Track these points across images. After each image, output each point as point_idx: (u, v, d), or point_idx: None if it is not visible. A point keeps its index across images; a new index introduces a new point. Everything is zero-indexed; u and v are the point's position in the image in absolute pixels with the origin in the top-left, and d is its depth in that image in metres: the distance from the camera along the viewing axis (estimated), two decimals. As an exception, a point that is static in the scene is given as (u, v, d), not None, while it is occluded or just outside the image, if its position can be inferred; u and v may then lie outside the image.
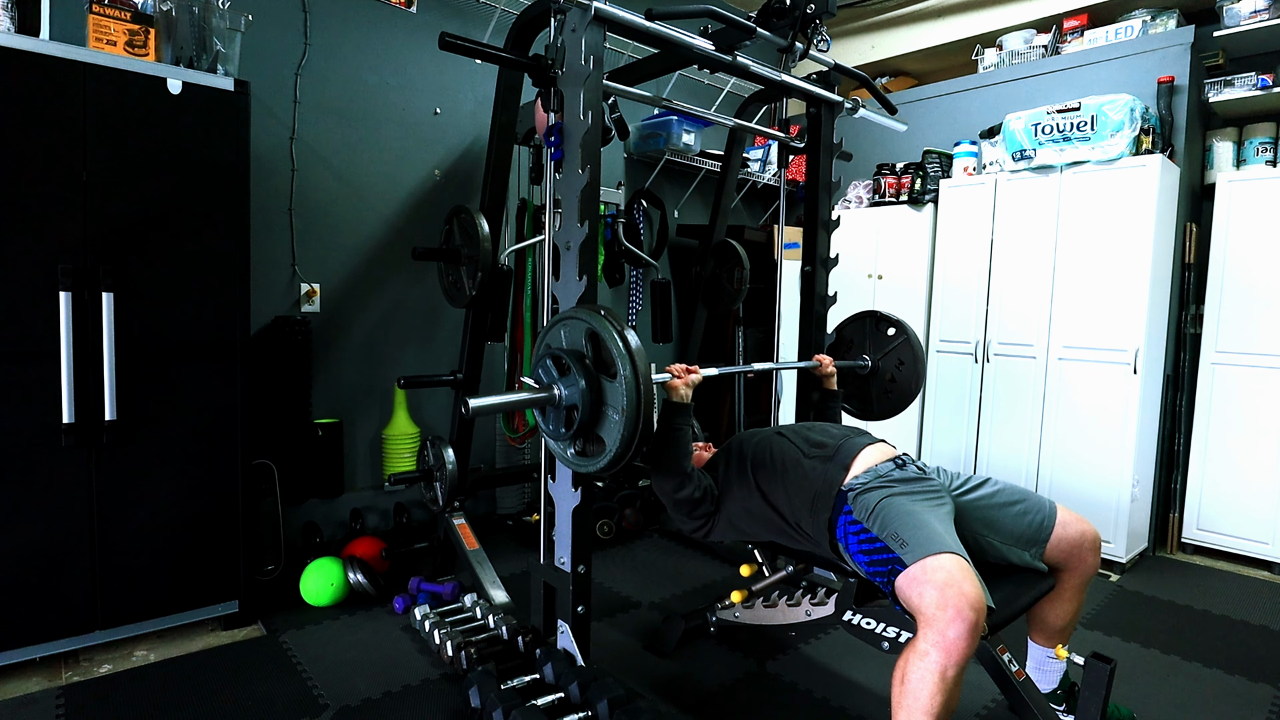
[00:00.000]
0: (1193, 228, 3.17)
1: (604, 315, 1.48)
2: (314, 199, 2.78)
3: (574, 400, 1.50)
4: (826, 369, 2.27)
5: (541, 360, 1.58)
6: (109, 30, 1.96)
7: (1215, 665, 2.18)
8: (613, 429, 1.47)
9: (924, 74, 4.34)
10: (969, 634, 1.24)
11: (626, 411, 1.42)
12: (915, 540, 1.38)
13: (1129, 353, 2.86)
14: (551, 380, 1.56)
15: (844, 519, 1.55)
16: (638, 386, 1.42)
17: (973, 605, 1.26)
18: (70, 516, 1.93)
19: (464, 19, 3.12)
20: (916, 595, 1.32)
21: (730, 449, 1.85)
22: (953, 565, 1.32)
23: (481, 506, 3.35)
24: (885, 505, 1.49)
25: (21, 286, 1.83)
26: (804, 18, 2.03)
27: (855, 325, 2.51)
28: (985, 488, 1.66)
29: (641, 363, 1.43)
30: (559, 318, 1.61)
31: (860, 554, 1.49)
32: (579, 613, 1.79)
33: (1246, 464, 2.97)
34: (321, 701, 1.86)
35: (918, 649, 1.28)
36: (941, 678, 1.24)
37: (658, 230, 3.67)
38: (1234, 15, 2.94)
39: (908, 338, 2.38)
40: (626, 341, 1.44)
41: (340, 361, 2.89)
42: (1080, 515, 1.65)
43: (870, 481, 1.57)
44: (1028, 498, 1.65)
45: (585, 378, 1.48)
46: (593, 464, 1.55)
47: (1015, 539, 1.60)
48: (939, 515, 1.50)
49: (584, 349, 1.53)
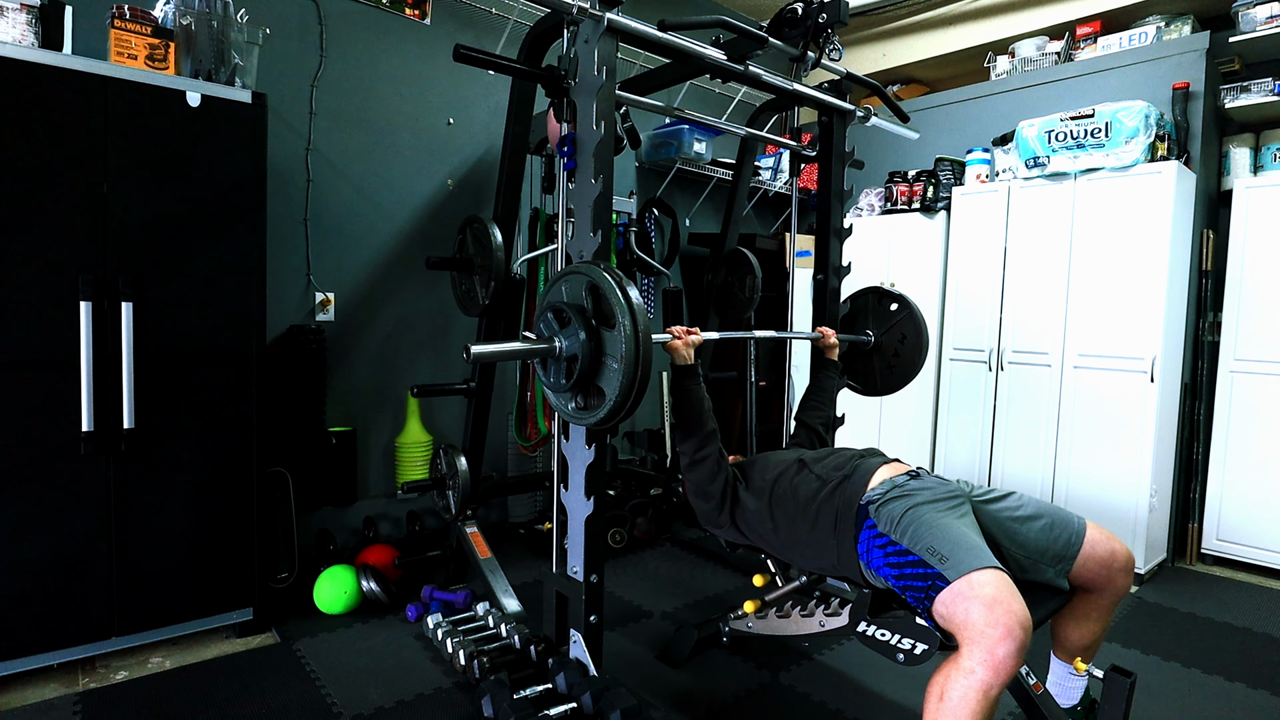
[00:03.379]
0: (1210, 235, 3.14)
1: (603, 269, 1.51)
2: (329, 209, 2.81)
3: (574, 350, 1.52)
4: (829, 340, 2.28)
5: (543, 314, 1.61)
6: (130, 44, 1.99)
7: (1237, 679, 2.14)
8: (612, 378, 1.48)
9: (936, 82, 4.33)
10: (1018, 653, 1.22)
11: (625, 359, 1.43)
12: (955, 554, 1.34)
13: (1146, 361, 2.83)
14: (552, 332, 1.58)
15: (866, 533, 1.52)
16: (636, 335, 1.43)
17: (1022, 624, 1.24)
18: (89, 524, 1.95)
19: (477, 30, 3.15)
20: (962, 612, 1.28)
21: (752, 470, 1.81)
22: (999, 582, 1.29)
23: (494, 515, 3.36)
24: (912, 517, 1.46)
25: (43, 296, 1.86)
26: (816, 27, 2.03)
27: (859, 303, 2.52)
28: (1009, 500, 1.62)
29: (640, 314, 1.45)
30: (560, 273, 1.62)
31: (888, 568, 1.45)
32: (591, 622, 1.79)
33: (1267, 473, 2.93)
34: (335, 710, 1.87)
35: (962, 666, 1.25)
36: (986, 696, 1.22)
37: (669, 239, 3.68)
38: (1250, 20, 2.92)
39: (910, 312, 2.38)
40: (626, 293, 1.46)
41: (354, 370, 2.91)
42: (1111, 534, 1.59)
43: (890, 491, 1.55)
44: (1056, 513, 1.60)
45: (585, 329, 1.50)
46: (593, 416, 1.55)
47: (1040, 554, 1.56)
48: (968, 523, 1.48)
49: (584, 302, 1.55)
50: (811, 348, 2.37)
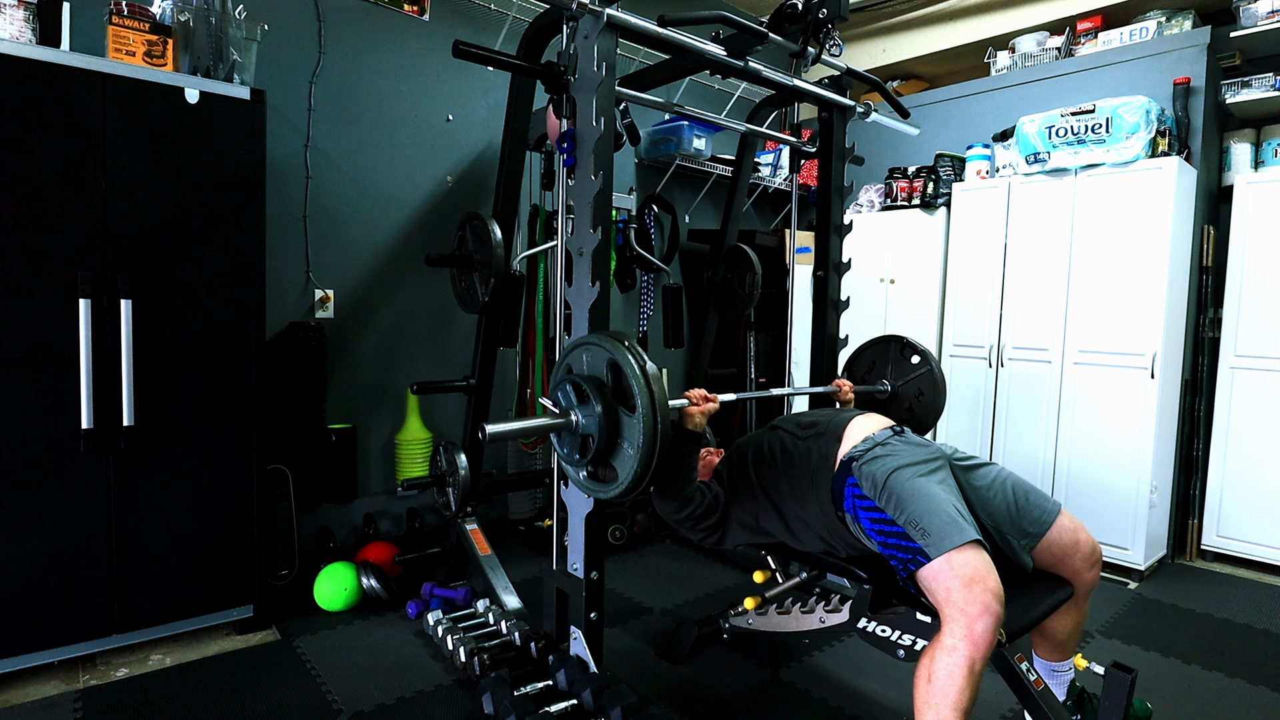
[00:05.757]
0: (1210, 230, 3.14)
1: (627, 347, 1.47)
2: (328, 206, 2.80)
3: (590, 430, 1.49)
4: (846, 395, 2.22)
5: (561, 384, 1.57)
6: (128, 41, 1.98)
7: (1237, 675, 2.14)
8: (627, 462, 1.46)
9: (936, 77, 4.32)
10: (996, 627, 1.29)
11: (642, 449, 1.41)
12: (936, 529, 1.39)
13: (1146, 357, 2.83)
14: (570, 405, 1.54)
15: (850, 490, 1.56)
16: (655, 424, 1.41)
17: (998, 598, 1.30)
18: (88, 521, 1.95)
19: (476, 27, 3.14)
20: (943, 590, 1.34)
21: (732, 456, 1.84)
22: (977, 560, 1.35)
23: (494, 512, 3.36)
24: (895, 482, 1.48)
25: (42, 294, 1.86)
26: (816, 22, 2.03)
27: (878, 348, 2.44)
28: (987, 469, 1.67)
29: (660, 399, 1.42)
30: (581, 340, 1.59)
31: (873, 531, 1.50)
32: (591, 619, 1.79)
33: (1268, 470, 2.93)
34: (335, 706, 1.87)
35: (944, 644, 1.30)
36: (970, 671, 1.27)
37: (669, 235, 3.68)
38: (1251, 15, 2.91)
39: (931, 369, 2.32)
40: (648, 376, 1.42)
41: (353, 367, 2.91)
42: (1081, 525, 1.64)
43: (871, 450, 1.58)
44: (1030, 490, 1.65)
45: (604, 408, 1.46)
46: (604, 490, 1.54)
47: (1008, 526, 1.60)
48: (949, 488, 1.51)
49: (604, 377, 1.51)
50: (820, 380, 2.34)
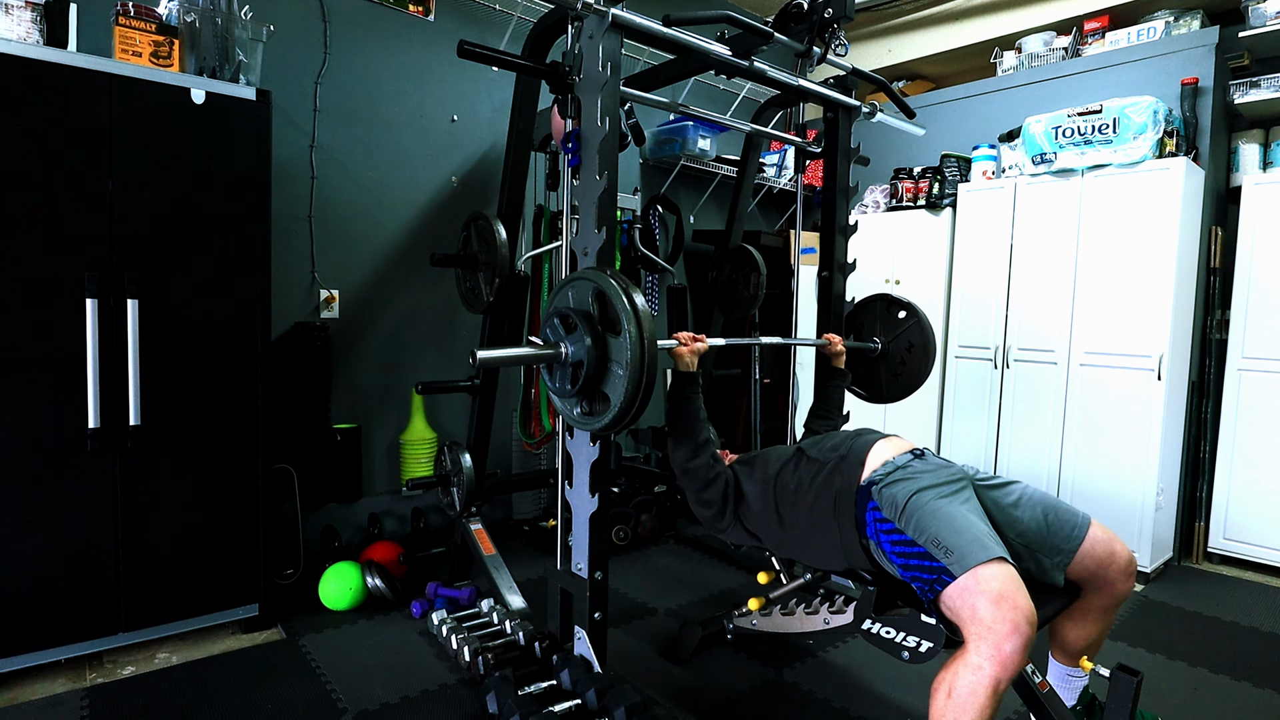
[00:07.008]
0: (1218, 231, 3.12)
1: (610, 275, 1.51)
2: (333, 206, 2.81)
3: (579, 356, 1.53)
4: (836, 347, 2.26)
5: (549, 319, 1.61)
6: (134, 41, 1.99)
7: (1244, 678, 2.13)
8: (617, 385, 1.49)
9: (942, 77, 4.31)
10: (1025, 648, 1.23)
11: (630, 366, 1.44)
12: (960, 547, 1.33)
13: (1153, 359, 2.82)
14: (559, 338, 1.58)
15: (871, 515, 1.51)
16: (641, 342, 1.44)
17: (1028, 619, 1.24)
18: (95, 520, 1.96)
19: (481, 27, 3.14)
20: (969, 608, 1.28)
21: (754, 463, 1.80)
22: (1006, 576, 1.29)
23: (498, 512, 3.36)
24: (915, 504, 1.44)
25: (49, 294, 1.87)
26: (821, 22, 2.02)
27: (867, 308, 2.49)
28: (1012, 488, 1.61)
29: (646, 321, 1.45)
30: (567, 279, 1.63)
31: (895, 555, 1.44)
32: (595, 619, 1.79)
33: (1275, 472, 2.91)
34: (340, 705, 1.87)
35: (969, 662, 1.25)
36: (994, 691, 1.22)
37: (673, 236, 3.67)
38: (1260, 15, 2.89)
39: (918, 320, 2.35)
40: (632, 300, 1.46)
41: (358, 367, 2.92)
42: (1115, 535, 1.57)
43: (891, 473, 1.53)
44: (1059, 505, 1.58)
45: (591, 335, 1.51)
46: (598, 421, 1.55)
47: (1039, 545, 1.55)
48: (973, 508, 1.46)
49: (591, 308, 1.55)
50: (816, 354, 2.35)
